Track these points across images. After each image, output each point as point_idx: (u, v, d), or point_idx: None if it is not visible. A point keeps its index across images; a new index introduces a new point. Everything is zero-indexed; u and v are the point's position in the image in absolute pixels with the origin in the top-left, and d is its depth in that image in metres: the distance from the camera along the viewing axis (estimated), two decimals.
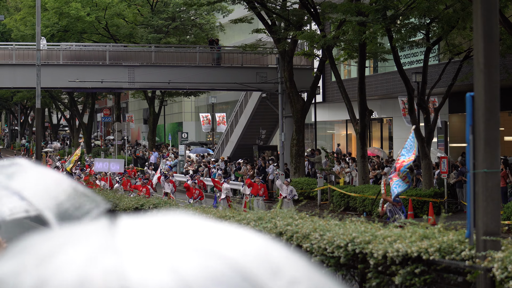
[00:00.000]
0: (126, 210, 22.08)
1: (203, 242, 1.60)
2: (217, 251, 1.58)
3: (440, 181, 35.12)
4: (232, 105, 71.66)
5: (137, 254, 1.54)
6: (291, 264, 1.63)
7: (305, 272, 1.63)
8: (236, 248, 1.60)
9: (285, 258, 1.64)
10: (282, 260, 1.62)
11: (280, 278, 1.57)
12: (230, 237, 1.64)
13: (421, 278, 10.92)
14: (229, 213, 17.09)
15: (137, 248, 1.56)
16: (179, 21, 63.57)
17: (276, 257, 1.62)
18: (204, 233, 1.65)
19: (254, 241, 1.65)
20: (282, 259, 1.63)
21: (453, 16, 32.73)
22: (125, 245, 1.57)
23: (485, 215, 10.13)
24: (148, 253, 1.55)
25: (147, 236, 1.59)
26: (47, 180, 3.08)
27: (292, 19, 42.19)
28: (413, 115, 35.17)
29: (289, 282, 1.57)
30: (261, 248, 1.63)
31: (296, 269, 1.62)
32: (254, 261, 1.58)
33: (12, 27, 72.37)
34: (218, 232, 1.65)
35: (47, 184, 3.05)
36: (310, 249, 13.14)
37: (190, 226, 1.66)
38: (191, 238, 1.61)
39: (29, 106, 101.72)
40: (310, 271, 1.64)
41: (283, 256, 1.64)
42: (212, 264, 1.55)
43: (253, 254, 1.60)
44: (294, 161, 44.05)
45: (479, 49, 10.29)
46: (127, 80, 52.50)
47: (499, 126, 10.38)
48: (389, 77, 46.39)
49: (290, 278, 1.58)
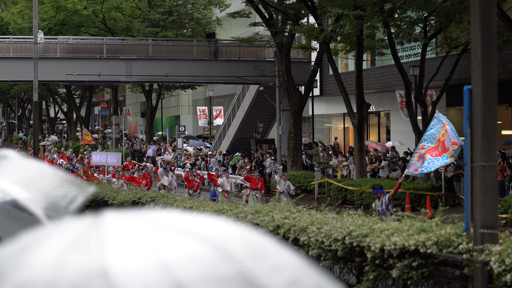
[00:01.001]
0: (124, 203, 22.06)
1: (186, 227, 1.62)
2: (200, 234, 1.59)
3: (437, 174, 35.13)
4: (230, 99, 71.64)
5: (119, 245, 1.55)
6: (275, 251, 1.64)
7: (289, 260, 1.64)
8: (218, 233, 1.62)
9: (268, 244, 1.65)
10: (266, 247, 1.63)
11: (263, 263, 1.58)
12: (214, 225, 1.65)
13: (419, 271, 10.92)
14: (226, 206, 17.09)
15: (119, 238, 1.57)
16: (176, 15, 63.48)
17: (260, 243, 1.63)
18: (189, 221, 1.67)
19: (237, 229, 1.66)
20: (266, 245, 1.63)
21: (450, 10, 32.71)
22: (108, 235, 1.58)
23: (482, 208, 10.13)
24: (129, 242, 1.56)
25: (129, 227, 1.61)
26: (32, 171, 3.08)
27: (289, 12, 42.13)
28: (411, 108, 35.17)
29: (272, 268, 1.58)
30: (245, 235, 1.64)
31: (278, 255, 1.63)
32: (237, 245, 1.59)
33: (9, 20, 72.26)
34: (202, 220, 1.67)
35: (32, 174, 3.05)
36: (308, 243, 13.14)
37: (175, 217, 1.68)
38: (174, 225, 1.63)
39: (26, 99, 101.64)
40: (294, 259, 1.65)
41: (267, 243, 1.65)
42: (194, 247, 1.56)
43: (236, 239, 1.61)
44: (291, 155, 44.05)
45: (476, 42, 10.28)
46: (124, 73, 52.47)
47: (496, 120, 10.38)
48: (386, 70, 46.38)
49: (272, 264, 1.59)
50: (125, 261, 1.52)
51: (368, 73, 46.36)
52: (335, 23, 37.09)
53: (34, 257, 1.56)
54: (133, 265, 1.51)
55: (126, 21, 63.73)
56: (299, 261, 1.65)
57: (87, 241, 1.57)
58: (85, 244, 1.57)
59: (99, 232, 1.60)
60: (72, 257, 1.54)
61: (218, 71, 52.70)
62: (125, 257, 1.53)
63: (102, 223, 1.65)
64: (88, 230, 1.61)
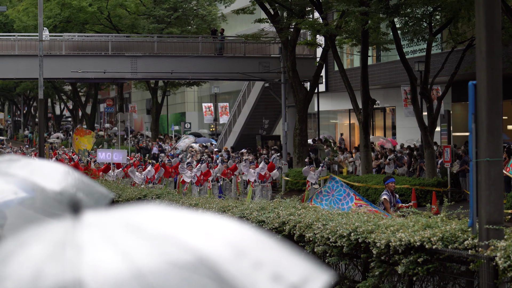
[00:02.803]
0: (129, 200, 22.09)
1: (164, 230, 1.61)
2: (176, 238, 1.59)
3: (443, 170, 35.08)
4: (235, 95, 71.62)
5: (94, 246, 1.55)
6: (257, 245, 1.63)
7: (271, 253, 1.63)
8: (197, 234, 1.61)
9: (250, 239, 1.65)
10: (247, 242, 1.62)
11: (243, 261, 1.57)
12: (196, 225, 1.64)
13: (424, 267, 10.92)
14: (231, 203, 17.09)
15: (95, 240, 1.57)
16: (181, 11, 63.47)
17: (241, 240, 1.63)
18: (169, 221, 1.66)
19: (223, 228, 1.65)
20: (246, 241, 1.63)
21: (456, 5, 32.65)
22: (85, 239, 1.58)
23: (488, 204, 10.11)
24: (104, 244, 1.56)
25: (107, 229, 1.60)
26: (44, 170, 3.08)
27: (294, 8, 42.11)
28: (416, 104, 35.13)
29: (253, 264, 1.57)
30: (225, 233, 1.63)
31: (261, 250, 1.62)
32: (215, 246, 1.58)
33: (14, 18, 72.30)
34: (183, 220, 1.66)
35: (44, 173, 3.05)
36: (313, 239, 13.15)
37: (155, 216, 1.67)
38: (151, 227, 1.62)
39: (32, 96, 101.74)
40: (276, 252, 1.64)
41: (248, 238, 1.64)
42: (169, 250, 1.55)
43: (218, 242, 1.60)
44: (297, 151, 44.04)
45: (481, 38, 10.26)
46: (129, 70, 52.49)
47: (501, 115, 10.36)
48: (392, 66, 46.33)
49: (254, 260, 1.58)
50: (102, 271, 1.51)
51: (373, 69, 46.30)
52: (340, 19, 37.05)
53: (11, 269, 1.56)
54: (110, 276, 1.50)
55: (131, 18, 63.74)
56: (283, 254, 1.64)
57: (64, 249, 1.56)
58: (62, 252, 1.56)
59: (76, 237, 1.59)
60: (49, 267, 1.53)
61: (223, 67, 52.69)
62: (101, 267, 1.52)
63: (80, 226, 1.64)
64: (65, 236, 1.60)
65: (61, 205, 2.96)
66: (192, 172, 37.33)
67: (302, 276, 1.60)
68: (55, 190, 3.00)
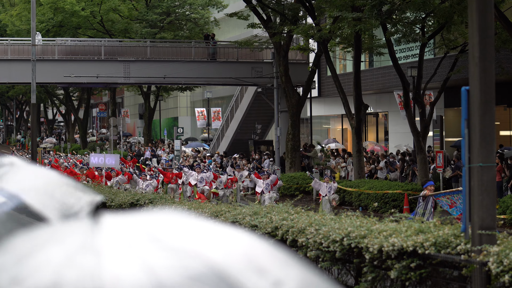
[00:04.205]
0: (122, 205, 22.04)
1: (184, 242, 1.60)
2: (196, 251, 1.58)
3: (435, 175, 35.14)
4: (228, 100, 71.65)
5: (115, 254, 1.54)
6: (277, 263, 1.62)
7: (292, 272, 1.62)
8: (216, 247, 1.60)
9: (270, 257, 1.63)
10: (267, 260, 1.61)
11: (265, 279, 1.56)
12: (212, 236, 1.63)
13: (417, 272, 10.92)
14: (224, 208, 17.08)
15: (115, 247, 1.56)
16: (174, 16, 63.47)
17: (261, 257, 1.61)
18: (187, 232, 1.65)
19: (238, 240, 1.65)
20: (267, 258, 1.62)
21: (449, 10, 32.72)
22: (105, 244, 1.57)
23: (480, 209, 10.13)
24: (125, 252, 1.55)
25: (127, 235, 1.60)
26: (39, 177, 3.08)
27: (287, 13, 42.15)
28: (409, 109, 35.19)
29: (274, 282, 1.56)
30: (245, 248, 1.62)
31: (281, 269, 1.61)
32: (236, 261, 1.57)
33: (7, 22, 72.22)
34: (200, 231, 1.65)
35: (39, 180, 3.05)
36: (306, 244, 13.14)
37: (173, 225, 1.66)
38: (171, 238, 1.61)
39: (25, 101, 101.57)
40: (297, 270, 1.63)
41: (269, 256, 1.63)
42: (190, 264, 1.54)
43: (235, 254, 1.59)
44: (289, 156, 44.05)
45: (474, 43, 10.28)
46: (122, 75, 52.47)
47: (494, 120, 10.38)
48: (384, 71, 46.39)
49: (275, 278, 1.57)
50: (122, 280, 1.51)
51: (366, 74, 46.36)
52: (333, 24, 37.10)
53: (28, 271, 1.54)
54: (129, 285, 1.50)
55: (124, 22, 63.72)
56: (284, 260, 1.63)
57: (83, 255, 1.55)
58: (81, 259, 1.55)
59: (95, 242, 1.59)
60: (68, 274, 1.52)
61: (216, 72, 52.71)
62: (121, 275, 1.52)
63: (99, 230, 1.63)
64: (84, 240, 1.59)
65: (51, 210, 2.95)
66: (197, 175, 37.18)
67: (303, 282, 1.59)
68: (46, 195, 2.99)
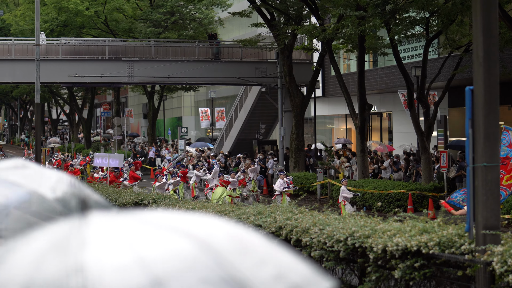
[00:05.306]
0: (126, 205, 22.06)
1: (169, 224, 1.63)
2: (183, 230, 1.60)
3: (440, 175, 35.11)
4: (232, 100, 71.63)
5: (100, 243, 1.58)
6: (261, 245, 1.65)
7: (275, 254, 1.64)
8: (202, 229, 1.63)
9: (254, 239, 1.66)
10: (252, 242, 1.64)
11: (249, 258, 1.59)
12: (198, 221, 1.67)
13: (421, 272, 10.92)
14: (228, 207, 17.09)
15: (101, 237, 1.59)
16: (178, 15, 63.48)
17: (245, 239, 1.64)
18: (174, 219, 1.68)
19: (223, 225, 1.68)
20: (251, 240, 1.64)
21: (452, 10, 32.69)
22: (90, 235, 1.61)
23: (484, 209, 10.12)
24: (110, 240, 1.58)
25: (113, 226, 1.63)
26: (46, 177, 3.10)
27: (291, 13, 42.13)
28: (413, 109, 35.16)
29: (258, 262, 1.58)
30: (230, 231, 1.65)
31: (265, 250, 1.64)
32: (221, 240, 1.60)
33: (11, 22, 72.26)
34: (187, 218, 1.68)
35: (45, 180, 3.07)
36: (310, 244, 13.14)
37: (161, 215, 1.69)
38: (157, 222, 1.64)
39: (29, 100, 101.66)
40: (280, 254, 1.65)
41: (253, 238, 1.66)
42: (176, 242, 1.57)
43: (220, 234, 1.62)
44: (293, 156, 44.03)
45: (478, 43, 10.28)
46: (126, 74, 52.48)
47: (498, 120, 10.37)
48: (388, 71, 46.35)
49: (258, 257, 1.59)
50: (104, 259, 1.55)
51: (370, 74, 46.33)
52: (337, 23, 37.08)
53: (13, 258, 1.59)
54: (111, 262, 1.54)
55: (128, 22, 63.72)
56: (285, 255, 1.66)
57: (68, 241, 1.60)
58: (65, 244, 1.59)
59: (81, 232, 1.62)
60: (51, 256, 1.57)
61: (220, 72, 52.70)
62: (104, 255, 1.55)
63: (86, 223, 1.67)
64: (71, 231, 1.63)
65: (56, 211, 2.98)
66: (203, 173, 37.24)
67: (305, 278, 1.61)
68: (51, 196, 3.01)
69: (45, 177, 3.11)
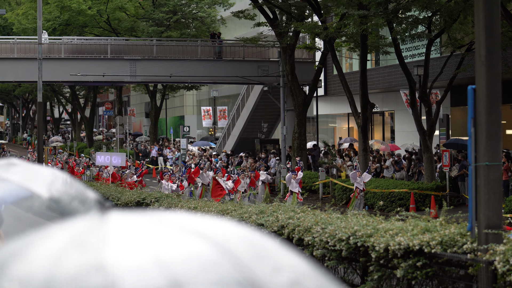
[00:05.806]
0: (128, 204, 22.08)
1: (188, 226, 1.65)
2: (201, 233, 1.62)
3: (442, 174, 35.09)
4: (234, 99, 71.65)
5: (120, 241, 1.59)
6: (277, 251, 1.66)
7: (291, 261, 1.66)
8: (220, 233, 1.64)
9: (271, 245, 1.67)
10: (269, 247, 1.65)
11: (266, 263, 1.60)
12: (216, 225, 1.68)
13: (423, 271, 10.92)
14: (230, 207, 17.10)
15: (121, 235, 1.61)
16: (180, 14, 63.49)
17: (262, 244, 1.66)
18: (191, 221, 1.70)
19: (240, 229, 1.69)
20: (268, 246, 1.66)
21: (454, 9, 32.67)
22: (110, 233, 1.63)
23: (487, 208, 10.12)
24: (130, 239, 1.60)
25: (132, 225, 1.64)
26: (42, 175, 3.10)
27: (293, 12, 42.12)
28: (415, 108, 35.15)
29: (274, 268, 1.59)
30: (247, 236, 1.66)
31: (282, 256, 1.64)
32: (239, 245, 1.61)
33: (13, 20, 72.29)
34: (204, 220, 1.69)
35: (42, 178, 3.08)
36: (312, 243, 13.14)
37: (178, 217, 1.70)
38: (177, 224, 1.66)
39: (31, 99, 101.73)
40: (296, 260, 1.67)
41: (269, 244, 1.67)
42: (195, 245, 1.58)
43: (237, 239, 1.64)
44: (296, 155, 44.03)
45: (480, 42, 10.27)
46: (128, 73, 52.49)
47: (501, 119, 10.37)
48: (391, 70, 46.34)
49: (275, 264, 1.61)
50: (124, 258, 1.56)
51: (372, 73, 46.32)
52: (339, 22, 37.07)
53: (34, 253, 1.61)
54: (131, 262, 1.55)
55: (130, 21, 63.74)
56: (301, 262, 1.67)
57: (88, 238, 1.62)
58: (86, 241, 1.61)
59: (101, 229, 1.64)
60: (72, 253, 1.58)
61: (222, 71, 52.70)
62: (124, 254, 1.57)
63: (106, 221, 1.69)
64: (91, 228, 1.64)
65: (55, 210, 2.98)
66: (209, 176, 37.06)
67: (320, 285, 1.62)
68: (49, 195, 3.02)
69: (39, 175, 3.12)
